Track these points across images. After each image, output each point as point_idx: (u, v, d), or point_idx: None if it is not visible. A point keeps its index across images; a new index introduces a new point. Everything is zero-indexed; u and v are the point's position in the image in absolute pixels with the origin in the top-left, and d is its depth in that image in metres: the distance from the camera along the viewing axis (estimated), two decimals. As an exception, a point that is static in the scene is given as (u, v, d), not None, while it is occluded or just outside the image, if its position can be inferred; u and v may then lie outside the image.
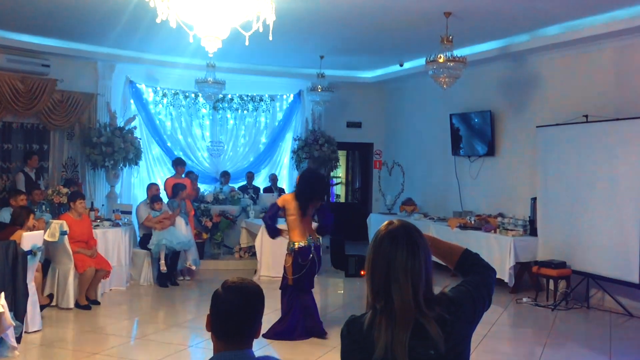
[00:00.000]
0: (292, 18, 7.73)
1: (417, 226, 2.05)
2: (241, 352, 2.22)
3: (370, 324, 1.91)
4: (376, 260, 1.96)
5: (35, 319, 6.46)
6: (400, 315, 1.87)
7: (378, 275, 1.94)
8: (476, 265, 2.18)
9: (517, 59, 9.71)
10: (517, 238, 8.74)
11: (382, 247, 1.97)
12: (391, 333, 1.86)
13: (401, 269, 1.91)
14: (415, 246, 1.96)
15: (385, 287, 1.91)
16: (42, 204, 8.66)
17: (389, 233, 1.99)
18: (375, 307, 1.93)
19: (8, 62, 9.62)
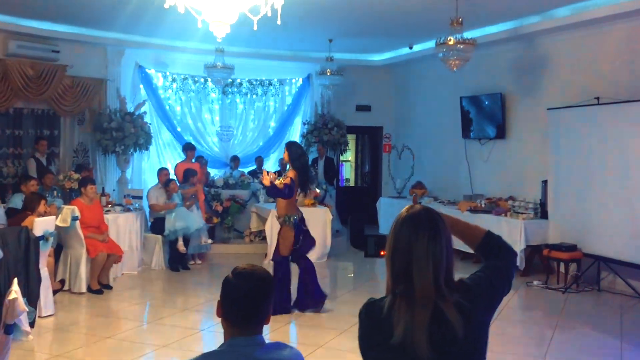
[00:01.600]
0: (300, 1, 7.68)
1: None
2: (252, 337, 2.24)
3: (390, 308, 1.91)
4: (397, 244, 1.96)
5: (48, 304, 6.53)
6: (420, 299, 1.87)
7: (399, 259, 1.94)
8: (499, 249, 2.17)
9: (528, 41, 9.62)
10: (528, 221, 8.72)
11: (403, 230, 1.96)
12: (410, 317, 1.87)
13: (422, 253, 1.91)
14: (437, 230, 1.96)
15: (406, 271, 1.91)
16: (53, 189, 8.72)
17: (410, 216, 1.99)
18: (394, 291, 1.94)
19: (18, 48, 9.64)
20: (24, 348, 5.46)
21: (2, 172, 9.80)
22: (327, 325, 6.65)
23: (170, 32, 10.22)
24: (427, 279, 1.89)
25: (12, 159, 10.09)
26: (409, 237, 1.94)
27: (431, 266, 1.90)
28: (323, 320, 6.86)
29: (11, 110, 9.97)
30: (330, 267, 9.75)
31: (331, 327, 6.51)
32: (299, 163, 6.96)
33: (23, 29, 9.60)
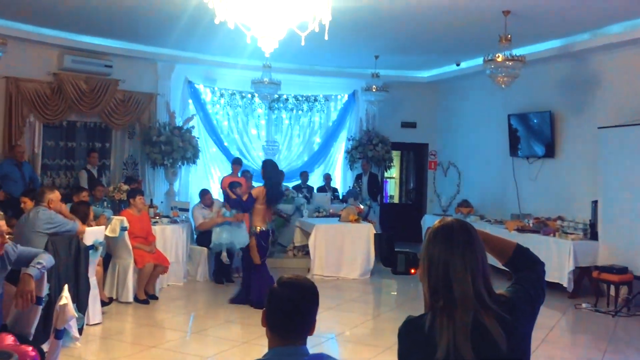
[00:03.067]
0: (347, 18, 7.75)
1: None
2: (296, 347, 2.24)
3: (432, 325, 1.90)
4: (432, 257, 1.95)
5: (96, 312, 6.67)
6: (461, 309, 1.86)
7: (435, 272, 1.93)
8: (529, 261, 2.16)
9: (578, 58, 9.46)
10: (577, 242, 8.52)
11: (437, 242, 1.96)
12: (453, 331, 1.85)
13: (459, 263, 1.90)
14: (471, 239, 1.96)
15: (445, 283, 1.90)
16: (103, 200, 8.93)
17: (442, 228, 1.99)
18: (434, 307, 1.92)
19: (73, 62, 9.96)
20: (72, 355, 5.59)
21: (55, 183, 10.09)
22: (369, 342, 6.61)
23: (220, 49, 10.41)
24: (467, 289, 1.88)
25: (64, 171, 10.40)
26: (444, 249, 1.93)
27: (469, 276, 1.89)
28: (366, 337, 6.83)
29: (65, 123, 10.29)
30: (374, 284, 9.71)
31: (374, 344, 6.46)
32: (269, 181, 7.82)
33: (77, 44, 9.91)
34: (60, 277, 5.54)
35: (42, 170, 9.96)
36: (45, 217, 5.75)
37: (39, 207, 5.86)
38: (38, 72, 9.76)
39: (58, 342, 3.72)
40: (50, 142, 10.20)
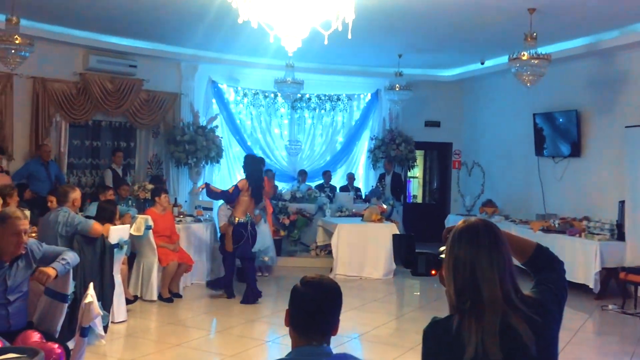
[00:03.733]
0: (371, 16, 7.71)
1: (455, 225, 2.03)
2: (319, 347, 2.23)
3: (459, 326, 1.87)
4: (458, 258, 1.92)
5: (121, 310, 6.73)
6: (489, 309, 1.84)
7: (462, 273, 1.91)
8: (549, 261, 2.14)
9: (605, 56, 9.32)
10: (604, 242, 8.39)
11: (462, 243, 1.93)
12: (481, 333, 1.83)
13: (486, 263, 1.88)
14: (497, 238, 1.94)
15: (472, 284, 1.88)
16: (128, 199, 9.01)
17: (468, 228, 1.96)
18: (462, 309, 1.89)
19: (98, 63, 10.07)
20: (97, 352, 5.64)
21: (80, 182, 10.21)
22: (392, 342, 6.59)
23: (243, 49, 10.45)
24: (495, 290, 1.86)
25: (90, 170, 10.52)
26: (470, 248, 1.91)
27: (497, 276, 1.87)
28: (389, 338, 6.80)
29: (90, 123, 10.41)
30: (397, 284, 9.66)
31: (397, 344, 6.44)
32: (249, 175, 8.16)
33: (103, 45, 10.01)
34: (86, 275, 5.60)
35: (68, 169, 10.08)
36: (63, 219, 5.75)
37: (60, 208, 5.88)
38: (64, 72, 9.88)
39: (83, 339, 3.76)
40: (76, 142, 10.33)
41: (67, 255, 4.20)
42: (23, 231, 3.92)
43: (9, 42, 7.39)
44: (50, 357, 3.68)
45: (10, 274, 3.95)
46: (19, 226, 3.90)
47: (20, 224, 3.91)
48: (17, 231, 3.89)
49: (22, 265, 4.01)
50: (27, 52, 7.59)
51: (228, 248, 8.15)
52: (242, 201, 8.05)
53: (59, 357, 3.78)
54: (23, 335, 3.87)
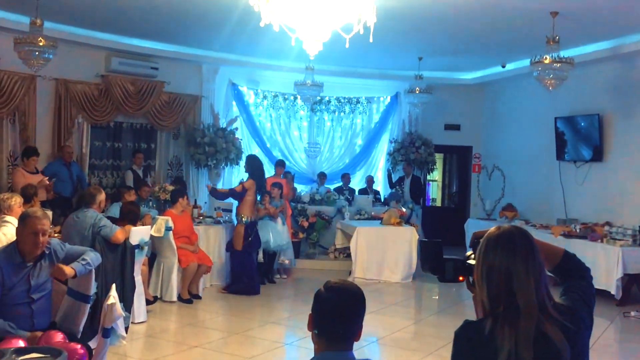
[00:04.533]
0: (391, 20, 7.70)
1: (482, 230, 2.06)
2: (342, 353, 2.24)
3: (492, 330, 1.87)
4: (493, 264, 1.92)
5: (141, 311, 6.78)
6: (524, 316, 1.85)
7: (496, 279, 1.91)
8: (577, 268, 2.16)
9: (628, 60, 9.22)
10: (626, 248, 8.28)
11: (498, 249, 1.94)
12: (515, 339, 1.84)
13: (522, 270, 1.89)
14: (532, 246, 1.95)
15: (507, 291, 1.88)
16: (149, 200, 9.08)
17: (504, 235, 1.97)
18: (495, 313, 1.90)
19: (120, 64, 10.16)
20: (118, 352, 5.69)
21: (102, 182, 10.30)
22: (412, 346, 6.56)
23: (264, 52, 10.49)
24: (531, 297, 1.87)
25: (111, 171, 10.61)
26: (506, 255, 1.91)
27: (533, 283, 1.88)
28: (407, 342, 6.78)
29: (112, 124, 10.50)
30: (416, 288, 9.63)
31: (416, 348, 6.41)
32: (254, 174, 8.60)
33: (125, 47, 10.10)
34: (107, 276, 5.64)
35: (89, 170, 10.18)
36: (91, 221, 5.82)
37: (87, 210, 5.94)
38: (86, 74, 9.98)
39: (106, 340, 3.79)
40: (98, 143, 10.42)
41: (88, 255, 4.24)
42: (41, 231, 3.97)
43: (33, 44, 7.48)
44: (73, 357, 3.72)
45: (34, 274, 4.00)
46: (37, 226, 3.95)
47: (39, 224, 3.96)
48: (35, 230, 3.94)
49: (46, 265, 4.07)
50: (51, 54, 7.68)
51: (237, 247, 8.43)
52: (248, 200, 8.44)
53: (81, 357, 3.82)
54: (46, 335, 3.92)
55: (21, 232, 3.99)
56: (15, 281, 3.92)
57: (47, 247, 4.09)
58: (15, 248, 4.00)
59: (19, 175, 8.40)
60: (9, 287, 3.89)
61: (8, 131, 9.07)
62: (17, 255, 3.97)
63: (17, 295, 3.92)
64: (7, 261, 3.93)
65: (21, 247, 3.98)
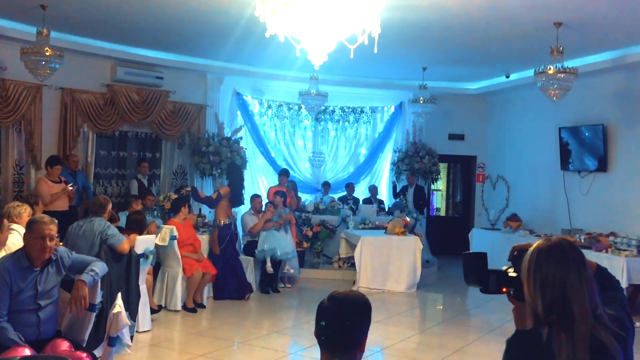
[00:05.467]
0: (396, 30, 7.74)
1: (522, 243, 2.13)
2: (348, 363, 2.24)
3: (549, 338, 1.94)
4: (547, 276, 1.99)
5: (146, 320, 6.78)
6: (579, 324, 1.92)
7: (551, 290, 1.98)
8: (611, 280, 2.25)
9: (632, 71, 9.23)
10: (631, 259, 8.26)
11: (551, 261, 2.01)
12: (572, 346, 1.90)
13: (576, 280, 1.97)
14: (583, 257, 2.04)
15: (561, 300, 1.96)
16: (153, 209, 9.10)
17: (554, 247, 2.05)
18: (550, 321, 1.96)
19: (125, 74, 10.21)
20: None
21: (107, 191, 10.34)
22: (415, 356, 6.56)
23: (269, 62, 10.54)
24: (585, 305, 1.94)
25: (116, 180, 10.65)
26: (559, 268, 1.99)
27: (586, 291, 1.96)
28: (412, 352, 6.77)
29: (117, 133, 10.55)
30: (420, 298, 9.61)
31: (420, 358, 6.41)
32: (232, 183, 9.27)
33: (130, 57, 10.16)
34: (112, 285, 5.66)
35: (95, 179, 10.21)
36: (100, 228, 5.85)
37: (93, 219, 5.95)
38: (92, 84, 10.03)
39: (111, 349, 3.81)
40: (103, 152, 10.46)
41: (95, 265, 4.26)
42: (49, 236, 4.01)
43: (39, 54, 7.55)
44: (79, 365, 3.73)
45: (41, 279, 4.03)
46: (44, 230, 3.99)
47: (46, 229, 4.01)
48: (43, 235, 3.98)
49: (53, 271, 4.10)
50: (57, 64, 7.74)
51: (215, 250, 8.73)
52: (223, 206, 8.93)
53: (87, 366, 3.83)
54: (52, 344, 3.93)
55: (29, 237, 4.03)
56: (23, 286, 3.95)
57: (54, 254, 4.12)
58: (23, 253, 4.03)
59: (42, 184, 8.45)
60: (16, 292, 3.92)
61: (14, 140, 9.11)
62: (24, 260, 4.00)
63: (25, 301, 3.94)
64: (15, 266, 3.96)
65: (29, 252, 4.01)
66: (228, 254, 8.80)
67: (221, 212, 8.94)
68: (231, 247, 8.89)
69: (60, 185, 8.48)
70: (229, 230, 8.89)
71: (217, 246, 8.73)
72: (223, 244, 8.74)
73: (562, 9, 6.93)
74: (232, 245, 8.92)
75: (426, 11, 7.20)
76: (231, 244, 8.89)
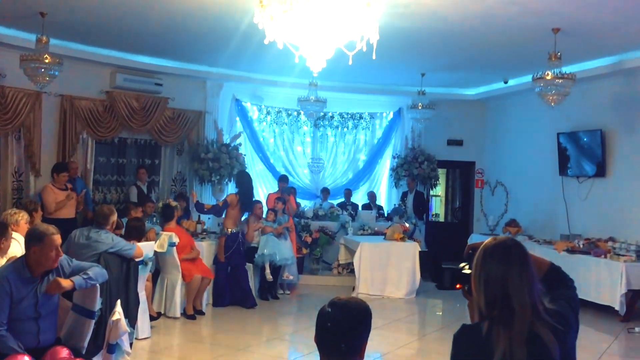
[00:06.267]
0: (394, 36, 7.76)
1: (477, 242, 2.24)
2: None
3: (489, 332, 2.04)
4: (490, 272, 2.10)
5: (145, 327, 6.77)
6: (518, 320, 2.01)
7: (492, 286, 2.08)
8: (563, 279, 2.36)
9: (630, 76, 9.25)
10: (630, 264, 8.27)
11: (494, 258, 2.12)
12: (509, 339, 2.00)
13: (517, 278, 2.07)
14: (526, 255, 2.14)
15: (503, 296, 2.05)
16: (153, 216, 9.10)
17: (499, 245, 2.16)
18: (491, 317, 2.06)
19: (124, 81, 10.22)
20: (121, 368, 5.68)
21: (106, 198, 10.34)
22: None
23: (268, 68, 10.56)
24: (525, 301, 2.04)
25: (115, 186, 10.65)
26: (502, 263, 2.10)
27: (526, 289, 2.06)
28: (411, 358, 6.77)
29: (116, 140, 10.55)
30: (420, 304, 9.60)
31: None
32: (241, 190, 9.12)
33: (129, 63, 10.17)
34: (112, 292, 5.63)
35: (94, 186, 10.19)
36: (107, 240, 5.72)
37: (98, 230, 5.78)
38: (91, 90, 10.04)
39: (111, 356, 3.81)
40: (102, 159, 10.46)
41: (92, 270, 4.26)
42: (60, 244, 4.07)
43: (39, 61, 7.56)
44: (78, 373, 3.73)
45: (42, 288, 4.03)
46: (55, 242, 4.03)
47: (56, 240, 4.05)
48: (56, 247, 4.02)
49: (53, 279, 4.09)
50: (57, 71, 7.75)
51: (220, 258, 8.70)
52: (231, 214, 8.85)
53: (86, 373, 3.83)
54: (52, 351, 3.93)
55: (40, 250, 3.99)
56: (23, 295, 3.95)
57: (57, 261, 4.13)
58: (23, 263, 4.02)
59: (48, 192, 8.45)
60: (17, 300, 3.92)
61: (13, 147, 9.11)
62: (25, 270, 3.99)
63: (25, 310, 3.94)
64: (16, 275, 3.96)
65: (32, 262, 3.99)
66: (233, 262, 8.75)
67: (229, 220, 8.86)
68: (237, 256, 8.81)
69: (66, 192, 8.48)
70: (237, 238, 8.81)
71: (223, 254, 8.68)
72: (229, 252, 8.69)
73: (560, 15, 6.96)
74: (239, 254, 8.84)
75: (424, 18, 7.23)
76: (238, 253, 8.81)
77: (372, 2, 4.86)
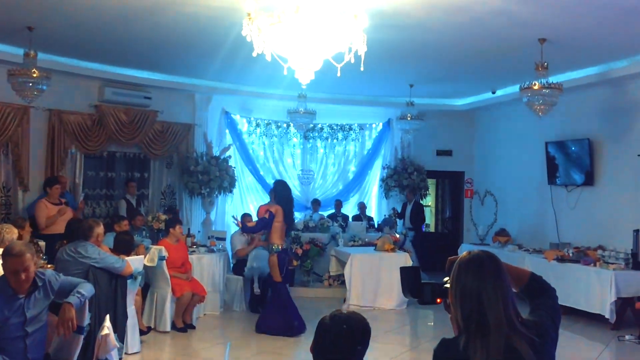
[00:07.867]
0: (382, 48, 7.80)
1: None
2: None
3: (466, 345, 2.05)
4: (465, 286, 2.11)
5: (135, 342, 6.71)
6: (494, 332, 2.02)
7: (468, 300, 2.09)
8: (544, 289, 2.35)
9: (617, 85, 9.34)
10: (619, 272, 8.31)
11: (469, 272, 2.12)
12: (486, 352, 2.00)
13: (491, 291, 2.07)
14: (500, 269, 2.14)
15: (478, 310, 2.05)
16: (142, 229, 9.05)
17: (473, 258, 2.17)
18: (468, 331, 2.06)
19: (113, 94, 10.20)
20: (111, 383, 5.63)
21: (95, 212, 10.28)
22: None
23: (257, 80, 10.58)
24: (500, 315, 2.04)
25: (104, 200, 10.59)
26: (476, 278, 2.10)
27: (500, 302, 2.06)
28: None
29: (105, 154, 10.51)
30: (411, 315, 9.59)
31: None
32: (282, 200, 7.95)
33: (118, 77, 10.15)
34: (100, 307, 5.59)
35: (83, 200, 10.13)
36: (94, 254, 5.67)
37: (84, 243, 5.72)
38: (80, 104, 10.01)
39: (99, 371, 3.77)
40: (91, 172, 10.41)
41: (82, 287, 4.23)
42: (22, 269, 3.85)
43: (26, 76, 7.54)
44: (67, 389, 3.69)
45: (29, 306, 3.97)
46: (16, 266, 3.84)
47: (17, 263, 3.84)
48: (15, 270, 3.85)
49: (40, 297, 4.04)
50: (44, 85, 7.73)
51: (277, 278, 7.84)
52: (276, 227, 7.85)
53: (75, 389, 3.79)
54: (40, 368, 3.89)
55: (4, 270, 3.92)
56: (9, 314, 3.88)
57: (41, 279, 4.05)
58: (5, 281, 3.95)
59: (41, 208, 8.39)
60: (3, 320, 3.85)
61: (1, 162, 9.06)
62: (8, 288, 3.92)
63: (12, 328, 3.88)
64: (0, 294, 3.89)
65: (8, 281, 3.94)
66: (286, 279, 8.16)
67: (276, 234, 7.86)
68: (288, 273, 8.19)
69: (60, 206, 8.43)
70: (287, 255, 8.12)
71: (278, 273, 7.79)
72: (283, 271, 7.87)
73: (546, 25, 7.02)
74: (288, 272, 8.19)
75: (412, 29, 7.27)
76: (288, 271, 8.18)
77: (359, 14, 4.89)
